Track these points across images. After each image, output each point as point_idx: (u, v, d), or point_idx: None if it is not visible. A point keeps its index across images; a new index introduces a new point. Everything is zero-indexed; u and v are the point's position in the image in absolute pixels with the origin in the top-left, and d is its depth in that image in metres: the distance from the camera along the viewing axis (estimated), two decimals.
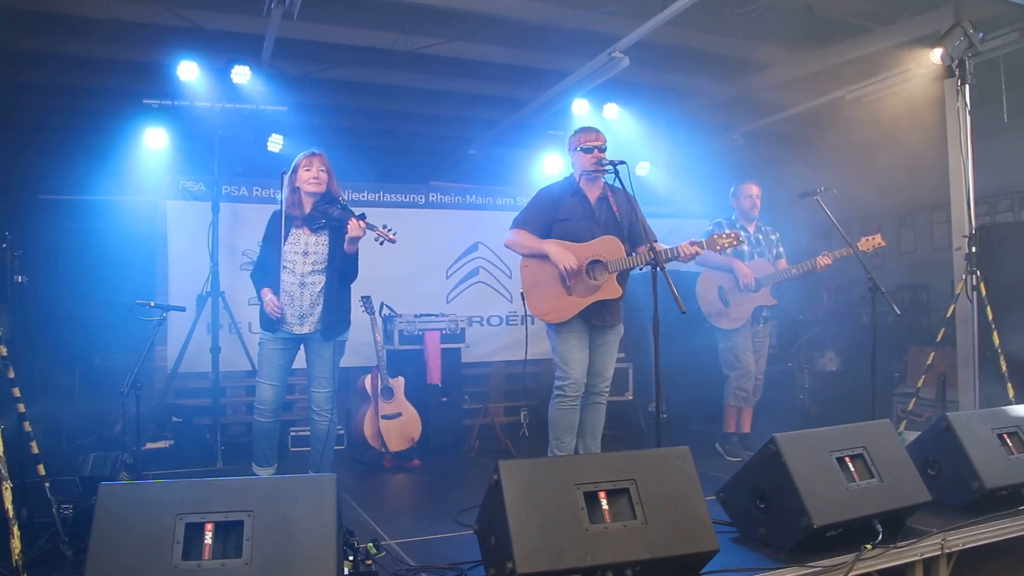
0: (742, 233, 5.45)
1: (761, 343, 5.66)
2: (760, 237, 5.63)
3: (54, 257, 6.63)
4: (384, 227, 4.06)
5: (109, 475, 4.16)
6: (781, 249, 5.71)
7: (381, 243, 4.10)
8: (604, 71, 6.00)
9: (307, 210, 4.26)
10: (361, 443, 5.73)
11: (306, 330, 4.26)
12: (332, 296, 4.28)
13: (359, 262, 4.35)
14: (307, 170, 4.24)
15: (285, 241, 4.23)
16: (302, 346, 4.38)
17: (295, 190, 4.26)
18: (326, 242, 4.27)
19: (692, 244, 4.10)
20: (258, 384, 4.31)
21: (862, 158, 7.22)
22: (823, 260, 5.24)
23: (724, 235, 4.19)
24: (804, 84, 6.97)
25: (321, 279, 4.27)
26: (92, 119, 7.22)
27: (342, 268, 4.30)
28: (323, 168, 4.27)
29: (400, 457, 5.64)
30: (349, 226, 4.08)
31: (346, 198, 6.83)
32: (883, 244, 5.13)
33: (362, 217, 4.12)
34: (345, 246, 4.20)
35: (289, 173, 4.29)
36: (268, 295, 4.20)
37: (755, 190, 5.60)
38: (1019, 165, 5.49)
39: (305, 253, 4.23)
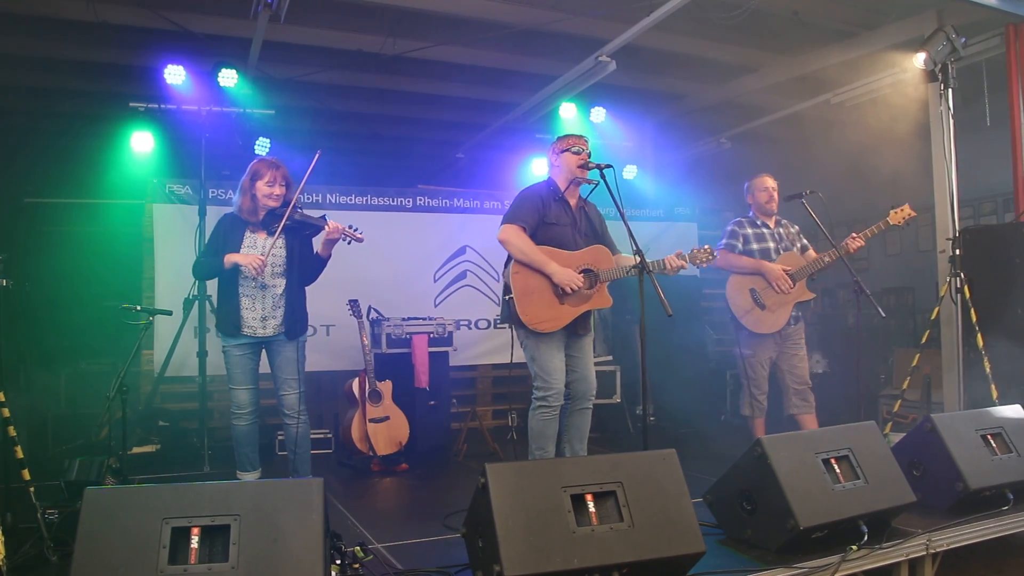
0: (764, 230, 5.24)
1: (796, 346, 5.25)
2: (782, 231, 5.33)
3: (39, 261, 6.57)
4: (350, 227, 4.21)
5: (95, 480, 4.12)
6: (805, 241, 5.41)
7: (348, 242, 4.24)
8: (591, 75, 6.03)
9: (261, 216, 4.25)
10: (349, 447, 5.71)
11: (269, 332, 4.27)
12: (294, 297, 4.31)
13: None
14: (269, 185, 4.22)
15: (241, 245, 4.23)
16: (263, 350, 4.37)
17: (253, 198, 4.24)
18: (283, 244, 4.28)
19: (679, 257, 4.07)
20: (233, 391, 4.30)
21: (848, 161, 7.27)
22: (854, 243, 4.81)
23: (702, 250, 4.14)
24: (790, 88, 7.03)
25: (282, 282, 4.29)
26: (78, 122, 7.19)
27: (305, 270, 4.35)
28: (284, 183, 4.27)
29: (388, 461, 5.64)
30: (327, 228, 4.19)
31: (336, 200, 6.99)
32: (914, 214, 4.77)
33: (323, 219, 4.25)
34: (321, 249, 4.30)
35: (248, 180, 4.26)
36: (237, 255, 4.15)
37: (770, 183, 5.30)
38: (1002, 168, 5.53)
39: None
